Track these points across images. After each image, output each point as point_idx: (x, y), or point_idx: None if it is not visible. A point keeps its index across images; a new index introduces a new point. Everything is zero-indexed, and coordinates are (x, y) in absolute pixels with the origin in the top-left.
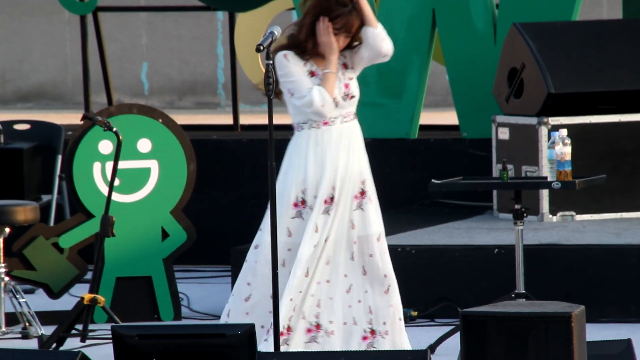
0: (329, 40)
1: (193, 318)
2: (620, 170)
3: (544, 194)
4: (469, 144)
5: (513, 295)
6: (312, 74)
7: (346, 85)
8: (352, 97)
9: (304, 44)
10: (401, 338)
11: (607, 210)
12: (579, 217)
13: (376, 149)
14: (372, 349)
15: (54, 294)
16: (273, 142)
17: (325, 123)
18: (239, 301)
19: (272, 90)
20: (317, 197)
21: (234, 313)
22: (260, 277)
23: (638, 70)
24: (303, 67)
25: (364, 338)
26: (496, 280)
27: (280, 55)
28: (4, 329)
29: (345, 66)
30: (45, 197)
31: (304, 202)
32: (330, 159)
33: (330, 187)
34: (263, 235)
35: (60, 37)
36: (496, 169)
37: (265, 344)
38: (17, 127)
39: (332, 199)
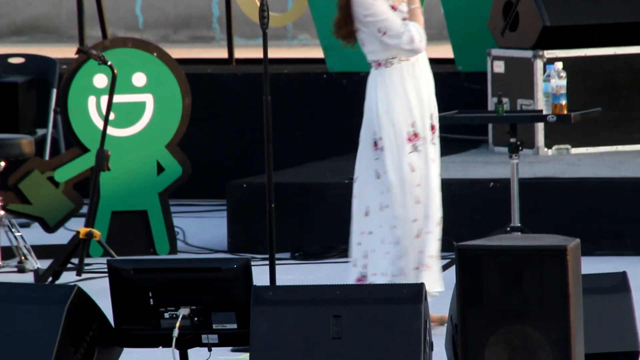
0: None
1: (189, 252)
2: (616, 104)
3: (540, 127)
4: (464, 77)
5: (509, 229)
6: (393, 8)
7: None
8: None
9: None
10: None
11: (602, 144)
12: (574, 151)
13: None
14: None
15: (49, 228)
16: (268, 76)
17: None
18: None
19: (266, 24)
20: (425, 128)
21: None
22: (403, 218)
23: (633, 3)
24: (385, 3)
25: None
26: (492, 213)
27: None
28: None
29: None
30: (40, 131)
31: (416, 134)
32: (425, 88)
33: (430, 116)
34: (388, 178)
35: None
36: (491, 103)
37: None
38: (12, 60)
39: (432, 127)
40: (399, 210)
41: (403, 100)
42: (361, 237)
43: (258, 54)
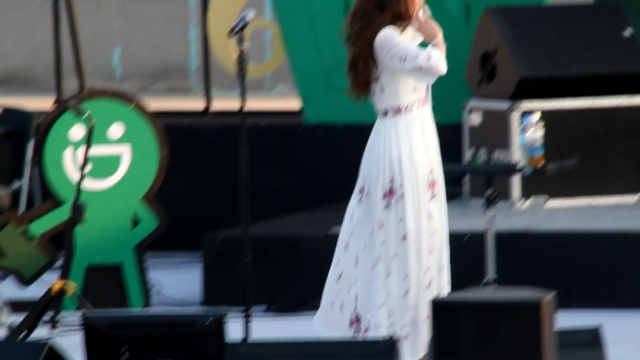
0: (433, 26)
1: (164, 305)
2: (592, 156)
3: (516, 179)
4: (441, 128)
5: (484, 282)
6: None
7: None
8: None
9: (410, 16)
10: None
11: (578, 196)
12: (550, 203)
13: (348, 134)
14: None
15: (24, 282)
16: (245, 127)
17: (425, 102)
18: (398, 299)
19: (244, 75)
20: (440, 175)
21: (398, 312)
22: (417, 268)
23: (610, 54)
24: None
25: None
26: (467, 267)
27: (387, 31)
28: None
29: None
30: (16, 183)
31: (434, 182)
32: (432, 139)
33: (438, 169)
34: (406, 226)
35: (32, 21)
36: (468, 154)
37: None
38: None
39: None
40: (413, 260)
41: (422, 147)
42: (347, 284)
43: (235, 105)
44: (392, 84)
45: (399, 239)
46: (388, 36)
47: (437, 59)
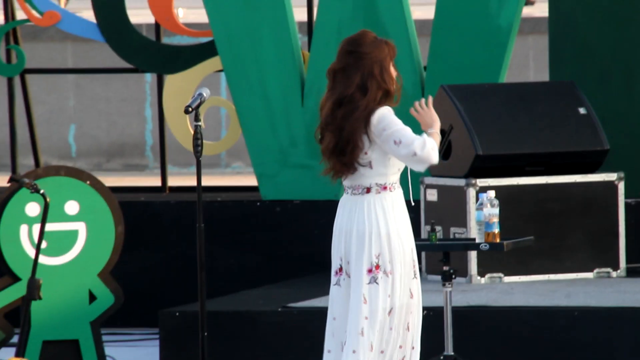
0: (432, 115)
1: None
2: (548, 232)
3: (472, 255)
4: None
5: (442, 358)
6: None
7: None
8: None
9: (393, 94)
10: None
11: (535, 272)
12: (507, 279)
13: (305, 210)
14: None
15: None
16: (201, 203)
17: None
18: None
19: (200, 152)
20: (416, 258)
21: None
22: (393, 344)
23: (565, 132)
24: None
25: None
26: (425, 342)
27: (384, 111)
28: None
29: None
30: None
31: (414, 261)
32: (408, 219)
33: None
34: (395, 300)
35: None
36: (425, 231)
37: None
38: None
39: None
40: (394, 335)
41: (408, 225)
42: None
43: (191, 181)
44: (381, 162)
45: (385, 313)
46: (386, 116)
47: (432, 148)
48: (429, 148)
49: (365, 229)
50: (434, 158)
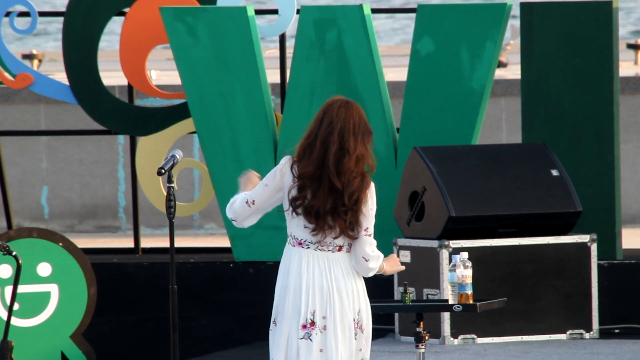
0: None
1: None
2: (521, 293)
3: (446, 317)
4: None
5: None
6: None
7: None
8: None
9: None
10: None
11: (508, 334)
12: (480, 340)
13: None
14: None
15: None
16: (174, 265)
17: None
18: None
19: (173, 214)
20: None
21: None
22: None
23: (537, 194)
24: None
25: None
26: None
27: (373, 186)
28: None
29: None
30: None
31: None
32: None
33: None
34: (366, 355)
35: None
36: (398, 292)
37: None
38: None
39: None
40: None
41: None
42: None
43: (164, 243)
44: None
45: None
46: (373, 192)
47: (375, 268)
48: (377, 264)
49: (342, 287)
50: (370, 274)
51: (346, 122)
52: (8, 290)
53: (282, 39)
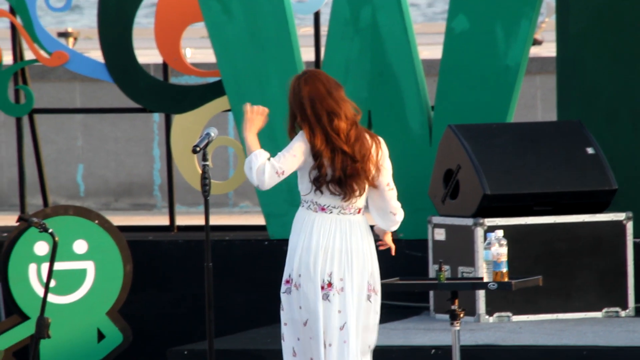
0: None
1: None
2: (556, 271)
3: (481, 294)
4: (406, 244)
5: None
6: None
7: None
8: None
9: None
10: None
11: (543, 311)
12: (515, 318)
13: None
14: None
15: None
16: (210, 242)
17: None
18: None
19: (208, 192)
20: None
21: None
22: None
23: (573, 172)
24: None
25: None
26: None
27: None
28: None
29: None
30: None
31: None
32: None
33: None
34: (377, 318)
35: None
36: (432, 270)
37: None
38: None
39: None
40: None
41: None
42: None
43: (199, 221)
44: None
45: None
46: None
47: (401, 220)
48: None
49: (367, 250)
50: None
51: (318, 91)
52: (44, 267)
53: (317, 17)
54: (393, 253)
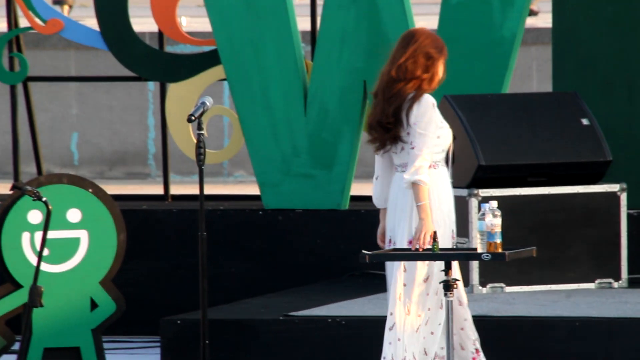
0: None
1: None
2: (550, 243)
3: (474, 265)
4: None
5: None
6: None
7: None
8: None
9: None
10: None
11: (536, 282)
12: (508, 289)
13: (307, 219)
14: None
15: None
16: (204, 212)
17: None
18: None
19: (202, 161)
20: None
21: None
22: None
23: (567, 143)
24: None
25: None
26: None
27: (428, 101)
28: None
29: None
30: None
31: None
32: None
33: None
34: (433, 267)
35: None
36: None
37: None
38: None
39: None
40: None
41: (451, 202)
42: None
43: (194, 190)
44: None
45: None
46: (427, 110)
47: (407, 180)
48: (416, 178)
49: (407, 204)
50: (418, 181)
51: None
52: (38, 236)
53: None
54: None
